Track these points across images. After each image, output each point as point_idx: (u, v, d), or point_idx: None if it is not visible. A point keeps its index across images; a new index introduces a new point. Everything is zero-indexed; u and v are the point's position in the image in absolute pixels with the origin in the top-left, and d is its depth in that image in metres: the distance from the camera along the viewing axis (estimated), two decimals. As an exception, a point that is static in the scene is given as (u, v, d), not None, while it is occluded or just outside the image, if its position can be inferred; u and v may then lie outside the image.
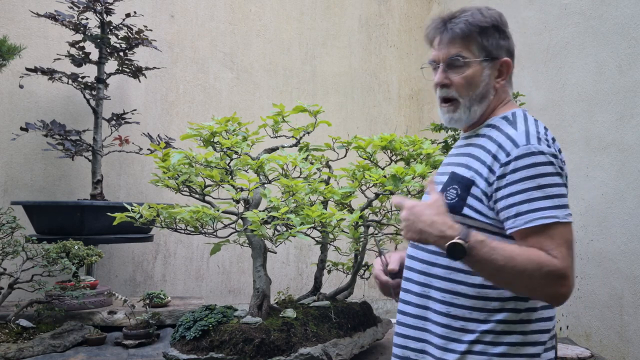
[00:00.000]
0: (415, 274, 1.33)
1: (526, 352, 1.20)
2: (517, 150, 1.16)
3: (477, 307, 1.22)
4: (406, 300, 1.34)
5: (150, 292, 3.05)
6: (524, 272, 1.10)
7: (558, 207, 1.14)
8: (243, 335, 2.07)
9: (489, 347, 1.20)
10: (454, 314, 1.24)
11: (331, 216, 2.14)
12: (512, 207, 1.15)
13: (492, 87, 1.30)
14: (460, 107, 1.29)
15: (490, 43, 1.29)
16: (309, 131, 2.67)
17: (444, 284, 1.26)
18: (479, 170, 1.22)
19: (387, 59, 4.92)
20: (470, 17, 1.29)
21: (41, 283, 2.53)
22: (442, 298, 1.26)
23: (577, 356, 2.48)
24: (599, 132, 3.04)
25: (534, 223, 1.13)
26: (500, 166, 1.18)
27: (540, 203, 1.13)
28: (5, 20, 3.63)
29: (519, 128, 1.21)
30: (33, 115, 3.63)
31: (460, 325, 1.22)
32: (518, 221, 1.14)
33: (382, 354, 2.58)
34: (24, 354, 2.33)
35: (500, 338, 1.20)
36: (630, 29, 2.86)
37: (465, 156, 1.30)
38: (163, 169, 2.29)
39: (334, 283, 3.62)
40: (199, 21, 4.25)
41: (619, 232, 2.87)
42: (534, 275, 1.10)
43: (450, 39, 1.29)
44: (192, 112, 4.18)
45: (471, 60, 1.27)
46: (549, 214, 1.13)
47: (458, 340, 1.22)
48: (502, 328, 1.20)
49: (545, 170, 1.15)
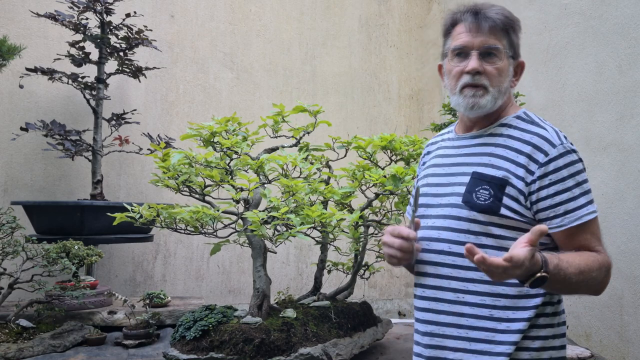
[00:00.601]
0: (447, 280, 1.28)
1: (556, 345, 1.24)
2: (555, 150, 1.21)
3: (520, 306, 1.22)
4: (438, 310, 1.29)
5: (150, 292, 3.05)
6: (595, 279, 1.18)
7: (592, 201, 1.23)
8: (243, 335, 2.07)
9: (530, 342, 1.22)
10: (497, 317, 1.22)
11: (331, 216, 2.14)
12: (560, 206, 1.20)
13: (510, 84, 1.33)
14: (488, 95, 1.28)
15: (516, 41, 1.34)
16: (309, 131, 2.67)
17: (482, 287, 1.23)
18: (511, 170, 1.23)
19: (387, 59, 4.92)
20: (504, 11, 1.31)
21: (41, 283, 2.53)
22: (482, 302, 1.23)
23: (577, 356, 2.48)
24: (599, 132, 3.04)
25: (582, 220, 1.20)
26: (539, 166, 1.21)
27: (581, 200, 1.21)
28: (5, 20, 3.63)
29: (547, 127, 1.25)
30: (33, 115, 3.63)
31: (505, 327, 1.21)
32: (566, 219, 1.20)
33: (382, 354, 2.58)
34: (24, 354, 2.32)
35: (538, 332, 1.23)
36: (630, 29, 2.86)
37: (487, 156, 1.28)
38: (163, 169, 2.29)
39: (334, 283, 3.62)
40: (199, 21, 4.26)
41: (619, 232, 2.86)
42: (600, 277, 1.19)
43: (491, 27, 1.28)
44: (192, 112, 4.18)
45: (504, 53, 1.29)
46: (590, 209, 1.21)
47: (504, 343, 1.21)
48: (540, 322, 1.23)
49: (579, 167, 1.23)
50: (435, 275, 1.30)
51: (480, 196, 1.23)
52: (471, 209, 1.24)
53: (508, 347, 1.20)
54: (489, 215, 1.22)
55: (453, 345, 1.26)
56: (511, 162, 1.23)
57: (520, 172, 1.22)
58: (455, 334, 1.26)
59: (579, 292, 1.20)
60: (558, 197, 1.20)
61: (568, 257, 1.15)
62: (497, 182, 1.23)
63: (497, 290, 1.22)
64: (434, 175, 1.40)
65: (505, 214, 1.21)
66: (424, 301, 1.32)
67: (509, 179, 1.22)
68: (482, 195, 1.23)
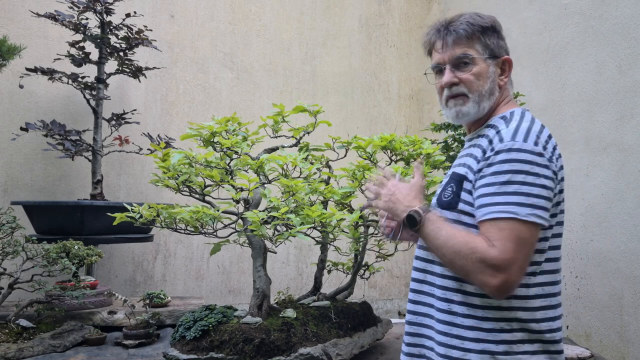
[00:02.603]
0: (422, 273, 1.36)
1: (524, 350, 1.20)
2: (501, 145, 1.18)
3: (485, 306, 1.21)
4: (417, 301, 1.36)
5: (150, 292, 3.05)
6: (459, 253, 1.16)
7: (522, 204, 1.13)
8: (243, 335, 2.07)
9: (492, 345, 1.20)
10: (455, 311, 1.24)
11: (331, 216, 2.14)
12: (480, 199, 1.19)
13: (497, 84, 1.34)
14: (469, 102, 1.32)
15: (492, 42, 1.34)
16: (309, 131, 2.67)
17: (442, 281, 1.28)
18: (471, 166, 1.26)
19: (387, 59, 4.92)
20: (470, 19, 1.34)
21: (41, 283, 2.53)
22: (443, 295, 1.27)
23: (577, 356, 2.48)
24: (599, 132, 3.04)
25: (490, 216, 1.15)
26: (484, 159, 1.21)
27: (503, 198, 1.14)
28: (5, 20, 3.64)
29: (510, 125, 1.23)
30: (33, 115, 3.63)
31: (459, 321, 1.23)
32: (479, 212, 1.18)
33: (382, 354, 2.58)
34: (24, 354, 2.33)
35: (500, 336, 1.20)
36: (630, 29, 2.86)
37: (466, 157, 1.33)
38: (163, 169, 2.29)
39: (334, 283, 3.62)
40: (199, 21, 4.26)
41: (619, 232, 2.86)
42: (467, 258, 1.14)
43: (454, 39, 1.33)
44: (192, 112, 4.18)
45: (477, 57, 1.32)
46: (508, 209, 1.13)
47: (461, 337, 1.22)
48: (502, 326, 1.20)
49: (522, 167, 1.15)
50: (416, 268, 1.39)
51: (445, 193, 1.30)
52: (439, 206, 1.31)
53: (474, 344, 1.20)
54: (449, 210, 1.27)
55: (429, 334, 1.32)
56: (474, 159, 1.26)
57: (475, 166, 1.24)
58: (430, 324, 1.31)
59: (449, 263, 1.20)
60: (481, 190, 1.19)
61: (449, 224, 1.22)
62: (459, 178, 1.28)
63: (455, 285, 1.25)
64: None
65: (463, 209, 1.24)
66: (410, 293, 1.41)
67: (467, 174, 1.26)
68: (447, 192, 1.30)
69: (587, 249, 3.08)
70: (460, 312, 1.23)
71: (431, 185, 2.42)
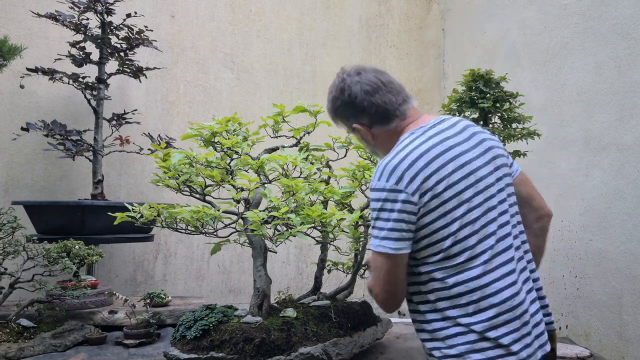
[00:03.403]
0: None
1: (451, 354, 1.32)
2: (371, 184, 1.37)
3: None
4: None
5: (150, 291, 3.06)
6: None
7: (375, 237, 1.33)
8: (243, 335, 2.08)
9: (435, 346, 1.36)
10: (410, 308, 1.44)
11: (331, 216, 2.15)
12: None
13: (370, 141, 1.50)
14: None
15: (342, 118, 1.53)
16: (309, 131, 2.67)
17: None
18: None
19: (387, 59, 4.92)
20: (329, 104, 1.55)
21: (42, 283, 2.54)
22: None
23: (576, 356, 2.49)
24: (598, 132, 3.04)
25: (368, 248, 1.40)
26: None
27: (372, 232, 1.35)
28: (6, 20, 3.64)
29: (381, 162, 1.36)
30: (34, 115, 3.64)
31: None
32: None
33: (382, 354, 2.58)
34: (25, 353, 2.33)
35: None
36: (630, 29, 2.87)
37: None
38: (164, 169, 2.30)
39: (334, 283, 3.63)
40: (200, 21, 4.26)
41: (619, 232, 2.87)
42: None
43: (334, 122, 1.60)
44: (192, 112, 4.19)
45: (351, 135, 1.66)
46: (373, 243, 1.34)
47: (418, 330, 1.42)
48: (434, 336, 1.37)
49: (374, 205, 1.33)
50: None
51: None
52: None
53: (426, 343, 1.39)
54: None
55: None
56: None
57: None
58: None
59: None
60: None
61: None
62: None
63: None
64: None
65: None
66: None
67: None
68: None
69: (586, 249, 3.09)
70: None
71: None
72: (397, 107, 1.44)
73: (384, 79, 1.47)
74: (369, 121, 1.45)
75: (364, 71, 1.47)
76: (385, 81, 1.46)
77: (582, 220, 3.10)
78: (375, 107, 1.43)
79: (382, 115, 1.44)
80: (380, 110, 1.43)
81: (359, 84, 1.44)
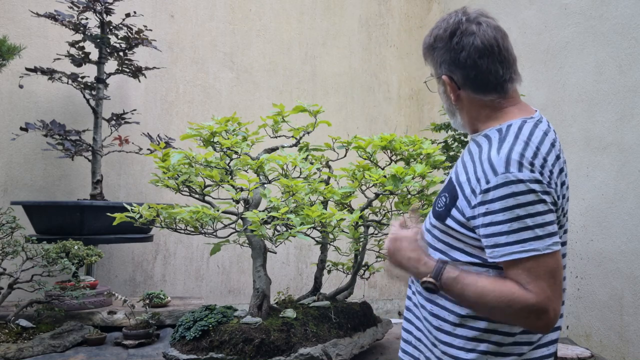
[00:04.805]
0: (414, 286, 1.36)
1: None
2: (495, 179, 1.11)
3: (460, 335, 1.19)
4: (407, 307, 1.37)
5: (150, 292, 3.05)
6: (495, 309, 1.10)
7: (538, 238, 1.08)
8: (243, 336, 2.07)
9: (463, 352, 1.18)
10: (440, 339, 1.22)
11: (331, 216, 2.14)
12: (491, 238, 1.11)
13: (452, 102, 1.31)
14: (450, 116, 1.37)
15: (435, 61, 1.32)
16: (309, 131, 2.67)
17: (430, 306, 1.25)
18: (463, 186, 1.20)
19: (387, 59, 4.92)
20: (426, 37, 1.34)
21: (41, 283, 2.53)
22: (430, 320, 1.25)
23: (577, 356, 2.48)
24: (599, 132, 3.03)
25: (510, 257, 1.08)
26: (480, 192, 1.13)
27: (518, 235, 1.08)
28: (5, 20, 3.63)
29: (502, 150, 1.14)
30: (33, 115, 3.63)
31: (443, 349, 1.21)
32: (495, 253, 1.11)
33: (382, 354, 2.57)
34: (24, 354, 2.32)
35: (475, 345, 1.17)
36: (630, 29, 2.86)
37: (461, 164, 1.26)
38: (163, 169, 2.29)
39: (334, 283, 3.62)
40: (199, 21, 4.25)
41: (619, 232, 2.86)
42: (507, 312, 1.09)
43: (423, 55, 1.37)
44: (192, 112, 4.18)
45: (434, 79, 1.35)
46: (527, 247, 1.08)
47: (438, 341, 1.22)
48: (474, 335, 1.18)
49: (524, 199, 1.09)
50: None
51: (439, 202, 1.26)
52: (432, 212, 1.29)
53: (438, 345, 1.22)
54: (439, 222, 1.24)
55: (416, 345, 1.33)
56: (466, 179, 1.20)
57: (467, 191, 1.18)
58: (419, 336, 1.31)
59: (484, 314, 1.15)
60: (490, 229, 1.11)
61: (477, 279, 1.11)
62: (452, 192, 1.22)
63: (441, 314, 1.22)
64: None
65: (450, 225, 1.21)
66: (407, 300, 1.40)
67: (458, 193, 1.20)
68: (440, 201, 1.26)
69: (587, 249, 3.08)
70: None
71: (431, 185, 2.41)
72: (500, 81, 1.24)
73: (502, 43, 1.23)
74: (462, 81, 1.25)
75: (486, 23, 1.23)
76: (502, 46, 1.23)
77: (582, 220, 3.10)
78: (477, 70, 1.22)
79: (480, 82, 1.24)
80: (480, 76, 1.23)
81: (472, 36, 1.21)
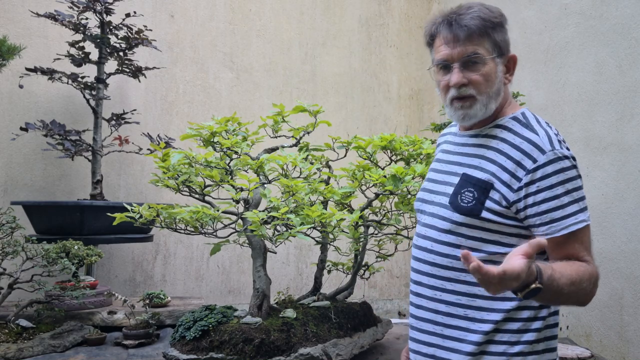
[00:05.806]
0: (426, 277, 1.31)
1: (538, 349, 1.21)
2: (544, 156, 1.18)
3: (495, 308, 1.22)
4: (418, 305, 1.34)
5: (150, 292, 3.05)
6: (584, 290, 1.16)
7: (584, 210, 1.20)
8: (243, 336, 2.07)
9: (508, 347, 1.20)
10: (471, 317, 1.23)
11: (331, 216, 2.14)
12: (545, 214, 1.18)
13: (502, 83, 1.30)
14: (477, 104, 1.27)
15: (500, 39, 1.28)
16: (309, 131, 2.67)
17: (459, 287, 1.25)
18: (497, 174, 1.22)
19: (387, 59, 4.92)
20: (480, 12, 1.25)
21: (41, 283, 2.53)
22: (457, 301, 1.24)
23: (577, 356, 2.48)
24: (599, 132, 3.03)
25: (568, 230, 1.18)
26: (527, 173, 1.18)
27: (570, 208, 1.18)
28: (5, 20, 3.63)
29: (539, 132, 1.22)
30: (33, 115, 3.63)
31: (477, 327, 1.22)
32: (554, 228, 1.18)
33: (382, 354, 2.57)
34: (24, 354, 2.32)
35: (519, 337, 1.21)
36: (631, 29, 2.86)
37: (478, 158, 1.28)
38: (163, 169, 2.29)
39: (334, 283, 3.62)
40: (199, 21, 4.25)
41: (619, 232, 2.86)
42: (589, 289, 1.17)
43: (467, 35, 1.24)
44: (192, 112, 4.18)
45: (487, 57, 1.25)
46: (580, 218, 1.19)
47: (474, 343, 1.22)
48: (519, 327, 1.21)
49: (571, 174, 1.19)
50: (417, 271, 1.35)
51: (465, 198, 1.25)
52: (454, 211, 1.26)
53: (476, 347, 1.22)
54: (470, 217, 1.23)
55: (428, 340, 1.30)
56: (498, 166, 1.22)
57: (505, 177, 1.21)
58: (431, 329, 1.29)
59: (568, 303, 1.19)
60: (545, 205, 1.17)
61: (560, 267, 1.13)
62: (482, 185, 1.23)
63: (474, 290, 1.23)
64: (434, 170, 1.44)
65: (487, 217, 1.22)
66: (411, 295, 1.38)
67: (494, 182, 1.22)
68: (466, 197, 1.25)
69: (587, 249, 3.08)
70: None
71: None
72: None
73: None
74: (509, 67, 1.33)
75: None
76: None
77: (582, 220, 3.10)
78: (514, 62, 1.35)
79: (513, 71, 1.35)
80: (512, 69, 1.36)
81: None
